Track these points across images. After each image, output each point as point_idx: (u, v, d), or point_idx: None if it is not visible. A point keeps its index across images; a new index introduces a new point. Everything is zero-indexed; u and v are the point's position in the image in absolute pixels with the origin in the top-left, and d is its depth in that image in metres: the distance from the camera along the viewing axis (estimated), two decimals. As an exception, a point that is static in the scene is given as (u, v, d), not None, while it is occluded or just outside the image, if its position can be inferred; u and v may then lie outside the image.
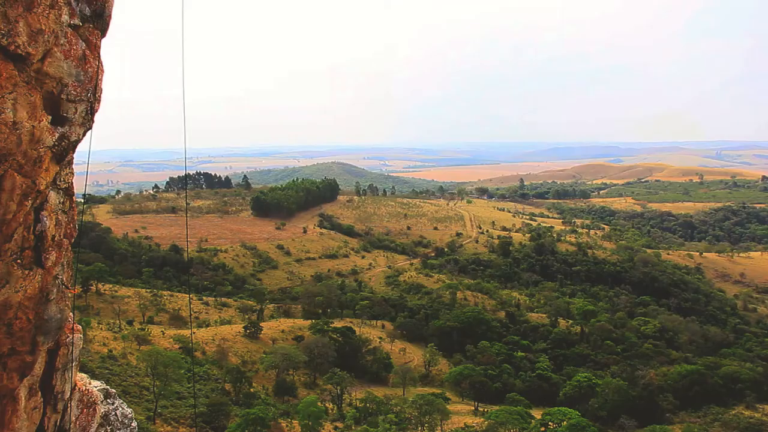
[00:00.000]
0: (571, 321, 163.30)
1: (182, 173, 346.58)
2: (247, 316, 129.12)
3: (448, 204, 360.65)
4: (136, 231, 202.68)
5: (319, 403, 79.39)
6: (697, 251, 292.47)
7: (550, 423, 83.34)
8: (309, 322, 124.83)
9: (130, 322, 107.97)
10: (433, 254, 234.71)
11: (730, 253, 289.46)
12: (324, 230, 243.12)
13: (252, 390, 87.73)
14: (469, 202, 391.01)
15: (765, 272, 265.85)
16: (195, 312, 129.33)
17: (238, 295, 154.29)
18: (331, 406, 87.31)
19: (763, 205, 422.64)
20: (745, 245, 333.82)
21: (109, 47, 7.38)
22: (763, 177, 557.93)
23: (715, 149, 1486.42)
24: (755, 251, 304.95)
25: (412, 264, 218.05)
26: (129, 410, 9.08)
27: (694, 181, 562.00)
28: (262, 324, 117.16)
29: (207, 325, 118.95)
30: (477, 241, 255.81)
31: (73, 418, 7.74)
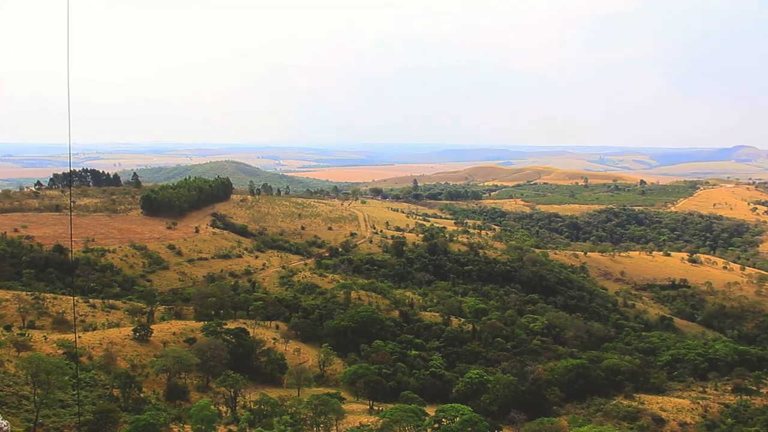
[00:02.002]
0: (463, 319, 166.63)
1: (67, 170, 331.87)
2: (136, 319, 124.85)
3: (342, 204, 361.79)
4: (16, 230, 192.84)
5: (212, 407, 77.65)
6: (582, 251, 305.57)
7: (443, 419, 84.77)
8: (201, 323, 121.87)
9: (8, 327, 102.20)
10: (327, 254, 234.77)
11: (612, 253, 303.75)
12: (217, 230, 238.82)
13: (142, 395, 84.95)
14: (363, 202, 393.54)
15: (643, 270, 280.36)
16: (81, 315, 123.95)
17: (127, 297, 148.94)
18: (224, 409, 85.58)
19: (641, 208, 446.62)
20: (625, 245, 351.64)
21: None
22: (641, 181, 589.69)
23: (598, 154, 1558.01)
24: (634, 251, 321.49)
25: (306, 264, 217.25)
26: (5, 422, 8.52)
27: (579, 184, 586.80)
28: (152, 326, 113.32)
29: (94, 329, 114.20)
30: (371, 241, 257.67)
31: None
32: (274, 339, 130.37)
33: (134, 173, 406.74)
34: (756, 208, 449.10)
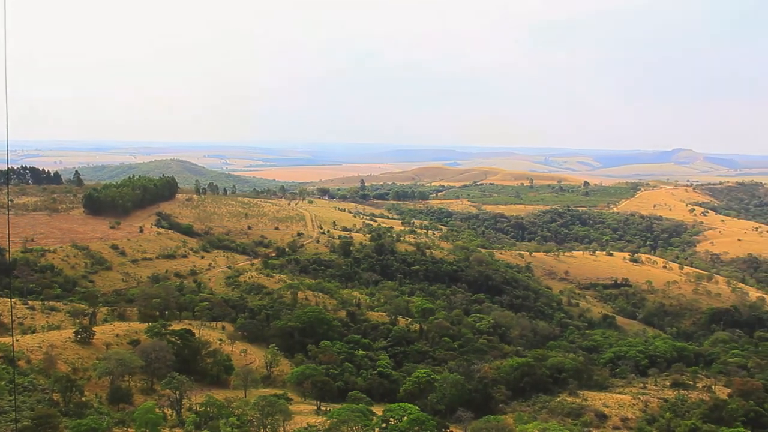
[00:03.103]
0: (410, 319, 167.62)
1: (5, 167, 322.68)
2: (78, 321, 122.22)
3: (289, 204, 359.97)
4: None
5: (156, 410, 76.56)
6: (527, 251, 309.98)
7: (391, 419, 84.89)
8: (146, 325, 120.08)
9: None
10: (274, 254, 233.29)
11: (556, 253, 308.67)
12: (162, 229, 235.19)
13: (84, 399, 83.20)
14: (310, 202, 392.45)
15: (586, 270, 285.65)
16: (19, 318, 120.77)
17: (69, 299, 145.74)
18: (169, 411, 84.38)
19: (584, 208, 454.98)
20: (569, 245, 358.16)
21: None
22: (585, 182, 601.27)
23: (543, 155, 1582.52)
24: (578, 251, 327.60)
25: (252, 264, 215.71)
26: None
27: (524, 184, 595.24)
28: (94, 328, 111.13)
29: (33, 332, 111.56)
30: (318, 241, 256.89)
31: None
32: (221, 340, 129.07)
33: (76, 171, 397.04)
34: (694, 209, 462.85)
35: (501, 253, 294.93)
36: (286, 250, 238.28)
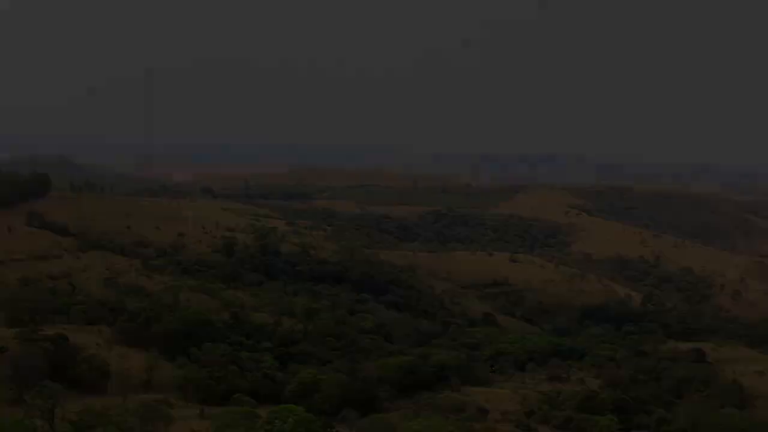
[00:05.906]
0: (294, 319, 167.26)
1: None
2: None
3: (170, 203, 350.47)
4: None
5: (26, 421, 73.02)
6: (411, 251, 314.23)
7: (276, 420, 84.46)
8: (14, 330, 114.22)
9: None
10: (154, 255, 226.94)
11: (439, 253, 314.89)
12: (33, 229, 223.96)
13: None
14: (192, 201, 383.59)
15: (468, 270, 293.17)
16: None
17: None
18: (41, 423, 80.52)
19: (466, 210, 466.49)
20: (451, 246, 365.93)
21: None
22: (467, 184, 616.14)
23: (428, 156, 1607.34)
24: (460, 251, 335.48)
25: (132, 265, 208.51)
26: None
27: (409, 185, 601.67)
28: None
29: None
30: (200, 242, 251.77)
31: None
32: (98, 344, 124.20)
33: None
34: (569, 211, 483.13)
35: (385, 254, 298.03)
36: (168, 250, 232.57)
